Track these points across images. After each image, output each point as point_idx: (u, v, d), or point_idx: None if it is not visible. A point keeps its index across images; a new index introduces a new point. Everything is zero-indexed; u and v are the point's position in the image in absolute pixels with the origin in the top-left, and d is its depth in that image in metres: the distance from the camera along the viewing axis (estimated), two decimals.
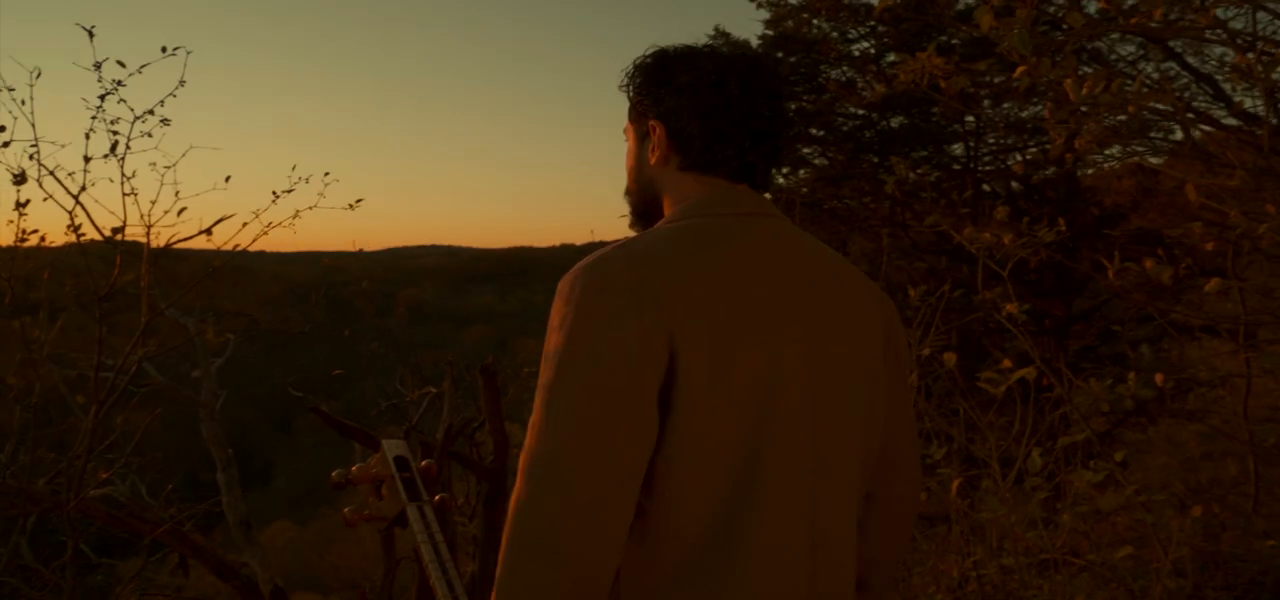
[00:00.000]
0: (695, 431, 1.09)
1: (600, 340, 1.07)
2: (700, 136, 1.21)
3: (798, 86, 8.87)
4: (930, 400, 3.43)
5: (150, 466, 4.21)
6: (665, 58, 1.25)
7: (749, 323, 1.12)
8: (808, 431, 1.15)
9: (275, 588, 3.83)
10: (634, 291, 1.08)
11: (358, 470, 1.49)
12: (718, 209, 1.20)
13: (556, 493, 1.04)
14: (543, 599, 1.03)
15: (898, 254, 7.96)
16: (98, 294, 3.12)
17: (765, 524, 1.11)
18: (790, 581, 1.14)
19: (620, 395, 1.06)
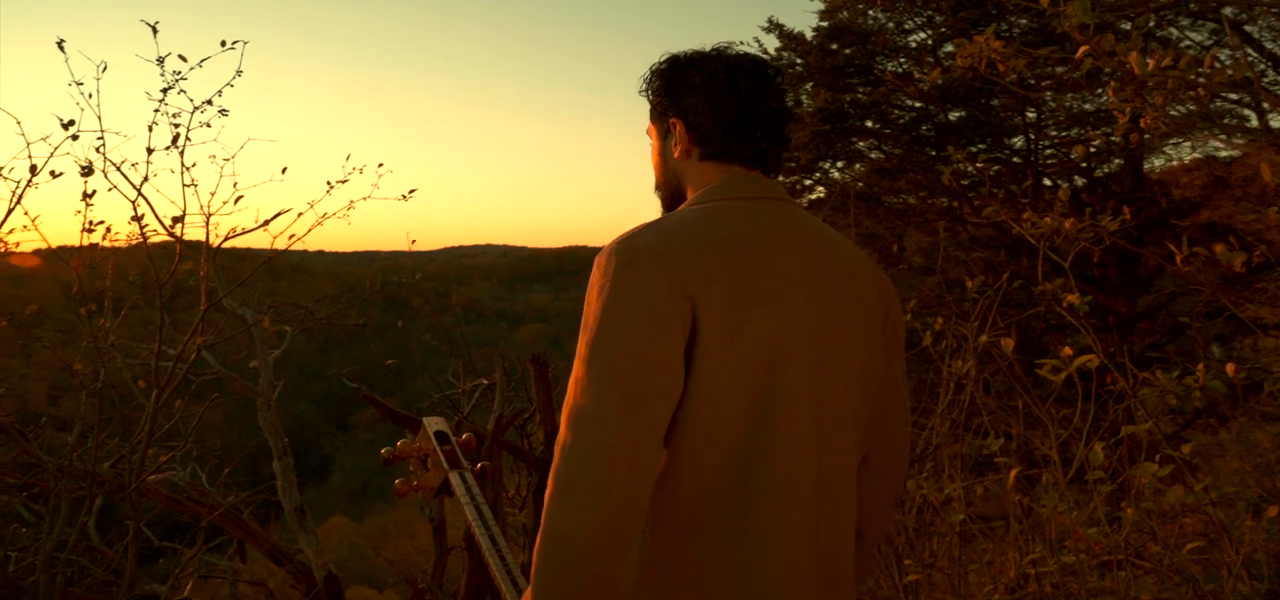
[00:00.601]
0: (713, 387, 1.24)
1: (631, 304, 1.22)
2: (716, 129, 1.39)
3: (853, 79, 8.74)
4: (989, 394, 3.34)
5: (209, 455, 4.31)
6: (678, 62, 1.44)
7: (760, 292, 1.27)
8: (813, 390, 1.30)
9: (329, 574, 3.88)
10: (660, 262, 1.24)
11: (402, 445, 1.68)
12: (734, 193, 1.37)
13: (596, 440, 1.19)
14: (584, 531, 1.18)
15: (955, 247, 7.78)
16: (159, 281, 3.19)
17: (776, 469, 1.27)
18: (798, 520, 1.29)
19: (650, 353, 1.21)
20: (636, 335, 1.21)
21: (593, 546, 1.18)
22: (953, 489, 3.11)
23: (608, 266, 1.25)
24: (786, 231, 1.35)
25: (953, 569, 3.32)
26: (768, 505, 1.27)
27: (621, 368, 1.20)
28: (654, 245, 1.26)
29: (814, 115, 8.61)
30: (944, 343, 3.42)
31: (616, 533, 1.19)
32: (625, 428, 1.19)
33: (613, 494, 1.18)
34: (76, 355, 3.45)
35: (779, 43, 9.24)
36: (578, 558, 1.18)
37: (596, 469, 1.18)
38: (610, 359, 1.21)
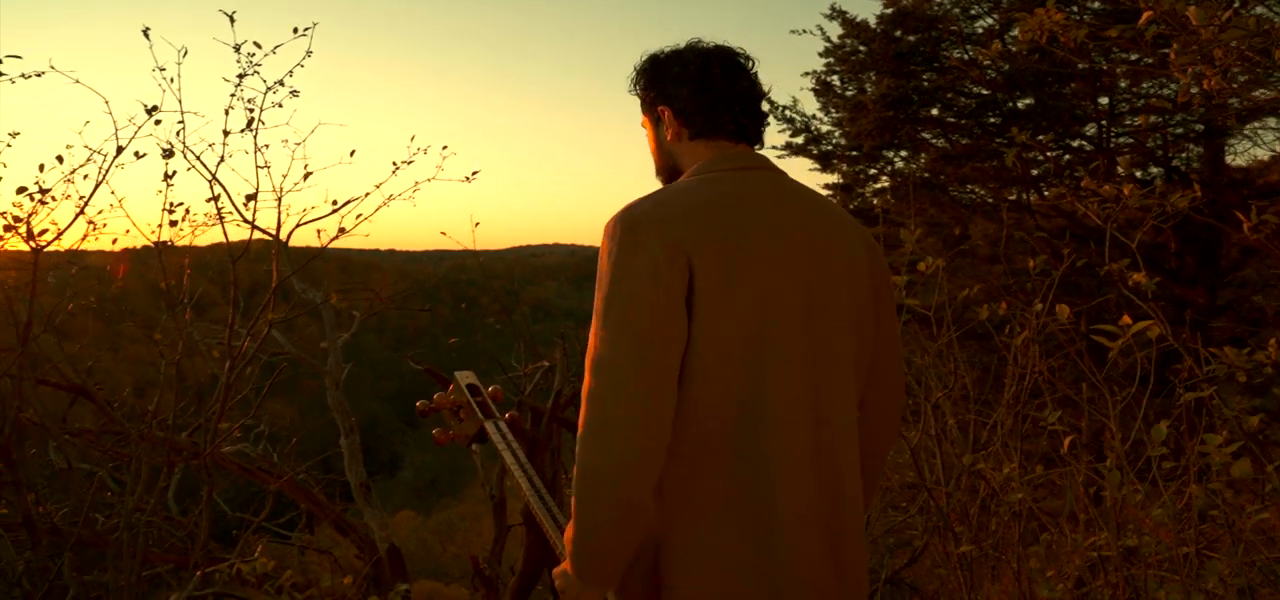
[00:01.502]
0: (712, 335, 1.40)
1: (636, 265, 1.38)
2: (700, 110, 1.57)
3: (917, 66, 8.59)
4: (1054, 389, 3.26)
5: (280, 430, 4.48)
6: (659, 59, 1.63)
7: (750, 248, 1.43)
8: (805, 333, 1.46)
9: (392, 547, 4.00)
10: (658, 227, 1.40)
11: (438, 398, 1.83)
12: (723, 165, 1.54)
13: (617, 384, 1.35)
14: (611, 463, 1.34)
15: (1021, 233, 7.60)
16: (232, 256, 3.33)
17: (773, 405, 1.42)
18: (796, 449, 1.44)
19: (655, 307, 1.37)
20: (642, 292, 1.37)
21: (619, 476, 1.34)
22: (1011, 469, 3.06)
23: (614, 233, 1.42)
24: (773, 195, 1.52)
25: (1012, 553, 3.27)
26: (767, 436, 1.42)
27: (632, 321, 1.36)
28: (651, 213, 1.42)
29: (877, 102, 8.49)
30: (1008, 328, 3.36)
31: (639, 463, 1.35)
32: (640, 372, 1.35)
33: (633, 430, 1.34)
34: (160, 347, 3.61)
35: (841, 30, 9.15)
36: (608, 486, 1.35)
37: (618, 409, 1.34)
38: (622, 314, 1.37)
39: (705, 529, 1.43)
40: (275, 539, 4.04)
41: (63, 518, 3.20)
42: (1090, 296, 5.09)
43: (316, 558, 3.96)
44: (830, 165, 9.95)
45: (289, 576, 2.92)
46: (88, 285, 3.53)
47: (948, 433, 3.72)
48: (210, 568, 3.15)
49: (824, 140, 9.95)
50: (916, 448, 3.64)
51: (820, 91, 9.75)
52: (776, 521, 1.43)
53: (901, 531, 4.55)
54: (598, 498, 1.36)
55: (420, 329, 32.38)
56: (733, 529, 1.43)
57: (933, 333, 3.68)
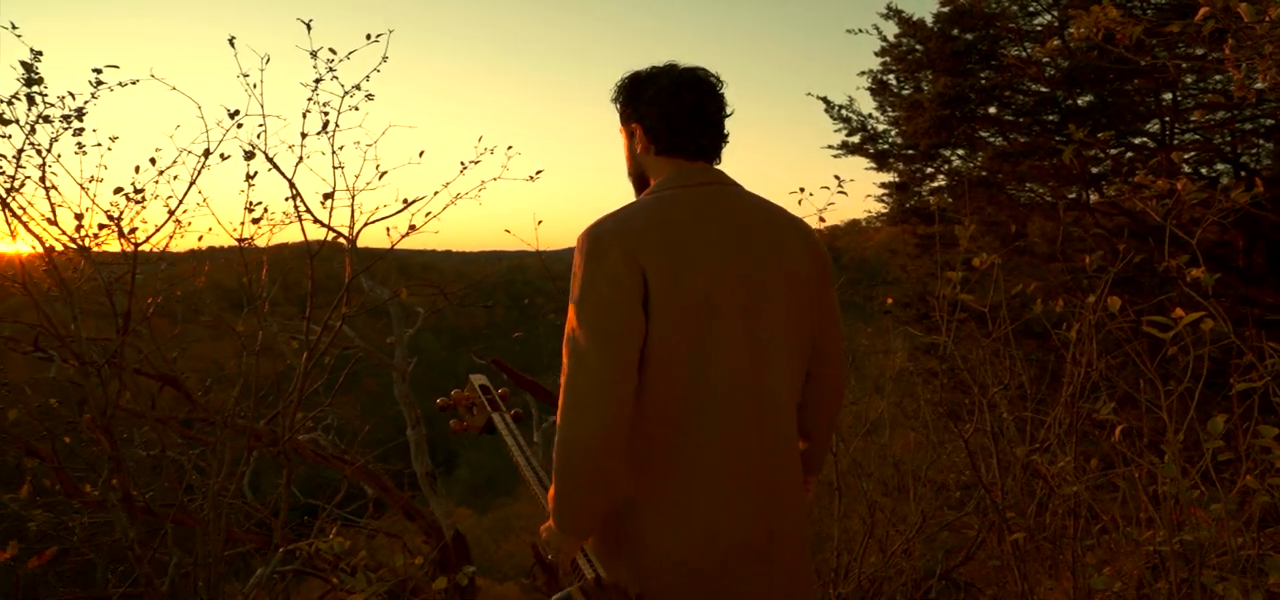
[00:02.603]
0: (662, 331, 1.67)
1: (600, 273, 1.66)
2: (666, 132, 1.81)
3: (974, 64, 8.51)
4: (1112, 391, 3.26)
5: (350, 420, 4.66)
6: (638, 78, 1.85)
7: (693, 255, 1.70)
8: (745, 323, 1.73)
9: (456, 533, 4.15)
10: (617, 241, 1.68)
11: (455, 394, 2.15)
12: (679, 181, 1.80)
13: (588, 372, 1.64)
14: (583, 436, 1.64)
15: (1078, 230, 7.48)
16: (310, 252, 3.50)
17: (715, 387, 1.71)
18: (738, 423, 1.73)
19: (617, 308, 1.65)
20: (606, 296, 1.65)
21: (589, 446, 1.64)
22: (1066, 462, 3.08)
23: (583, 246, 1.71)
24: (722, 207, 1.78)
25: (1068, 546, 3.28)
26: (712, 411, 1.71)
27: (598, 320, 1.65)
28: (612, 230, 1.70)
29: (934, 100, 8.43)
30: (1065, 325, 3.37)
31: (605, 436, 1.63)
32: (605, 361, 1.63)
33: (601, 409, 1.63)
34: (229, 349, 3.80)
35: (898, 29, 9.11)
36: (580, 455, 1.65)
37: (589, 392, 1.63)
38: (591, 314, 1.65)
39: (664, 489, 1.73)
40: (346, 524, 4.22)
41: (150, 499, 3.41)
42: (1150, 294, 5.03)
43: (386, 541, 4.13)
44: (886, 164, 9.90)
45: (362, 557, 3.07)
46: (159, 285, 3.72)
47: (1004, 430, 3.74)
48: (291, 546, 3.32)
49: (880, 139, 9.91)
50: (972, 444, 3.67)
51: (876, 90, 9.72)
52: (721, 481, 1.73)
53: (957, 529, 4.56)
54: (572, 464, 1.66)
55: (477, 328, 32.75)
56: (686, 488, 1.72)
57: (988, 329, 3.70)
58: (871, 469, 4.73)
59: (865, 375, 6.16)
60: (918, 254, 9.71)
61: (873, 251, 16.11)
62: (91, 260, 3.13)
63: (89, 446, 3.42)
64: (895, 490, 4.84)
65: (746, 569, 1.76)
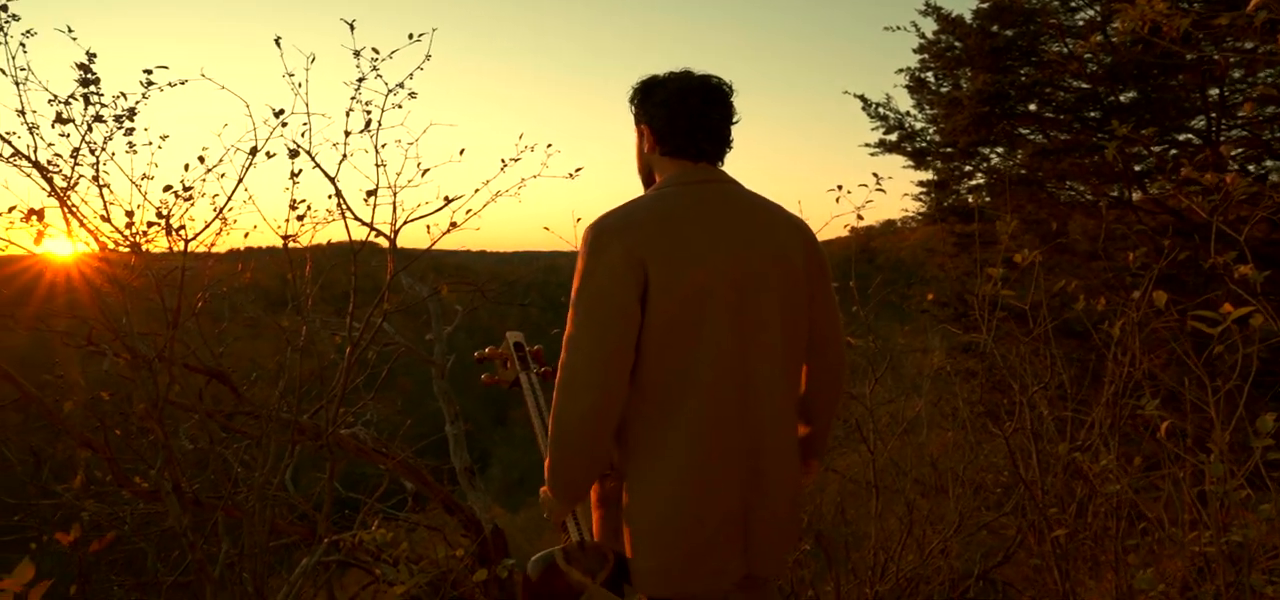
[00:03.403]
0: (659, 320, 1.81)
1: (601, 265, 1.80)
2: (671, 134, 1.95)
3: (1015, 61, 8.40)
4: (1156, 390, 3.21)
5: (390, 414, 4.73)
6: (651, 83, 2.00)
7: (691, 251, 1.82)
8: (735, 316, 1.85)
9: (495, 527, 4.19)
10: (619, 235, 1.82)
11: (490, 350, 2.32)
12: (682, 180, 1.93)
13: (584, 355, 1.77)
14: (576, 414, 1.78)
15: (1121, 228, 7.35)
16: (353, 248, 3.56)
17: (703, 375, 1.84)
18: (722, 408, 1.86)
19: (613, 298, 1.78)
20: (605, 287, 1.78)
21: (582, 424, 1.78)
22: (1109, 460, 3.04)
23: (587, 240, 1.84)
24: (720, 205, 1.91)
25: (1111, 545, 3.24)
26: (700, 396, 1.84)
27: (595, 308, 1.78)
28: (615, 225, 1.84)
29: (972, 98, 8.34)
30: (1107, 323, 3.33)
31: (597, 416, 1.78)
32: (600, 346, 1.77)
33: (591, 390, 1.77)
34: (267, 349, 3.87)
35: (936, 26, 9.03)
36: (570, 432, 1.80)
37: (583, 374, 1.77)
38: (590, 303, 1.79)
39: (652, 465, 1.87)
40: (387, 518, 4.28)
41: (198, 490, 3.49)
42: (1194, 294, 4.94)
43: (426, 534, 4.18)
44: (924, 162, 9.81)
45: (404, 549, 3.12)
46: (206, 279, 3.80)
47: (1044, 430, 3.70)
48: (335, 536, 3.38)
49: (918, 137, 9.82)
50: (1012, 443, 3.64)
51: (914, 88, 9.63)
52: (702, 458, 1.85)
53: (995, 530, 4.52)
54: (563, 439, 1.81)
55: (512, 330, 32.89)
56: (672, 464, 1.86)
57: (1028, 328, 3.67)
58: (909, 468, 4.71)
59: (902, 375, 6.13)
60: (956, 253, 9.62)
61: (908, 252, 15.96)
62: (142, 257, 3.21)
63: (139, 438, 3.51)
64: (933, 490, 4.81)
65: (721, 539, 1.90)
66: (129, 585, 3.47)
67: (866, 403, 4.31)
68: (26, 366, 3.33)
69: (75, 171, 3.08)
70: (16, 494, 3.57)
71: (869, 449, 4.27)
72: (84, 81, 3.07)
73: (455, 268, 5.82)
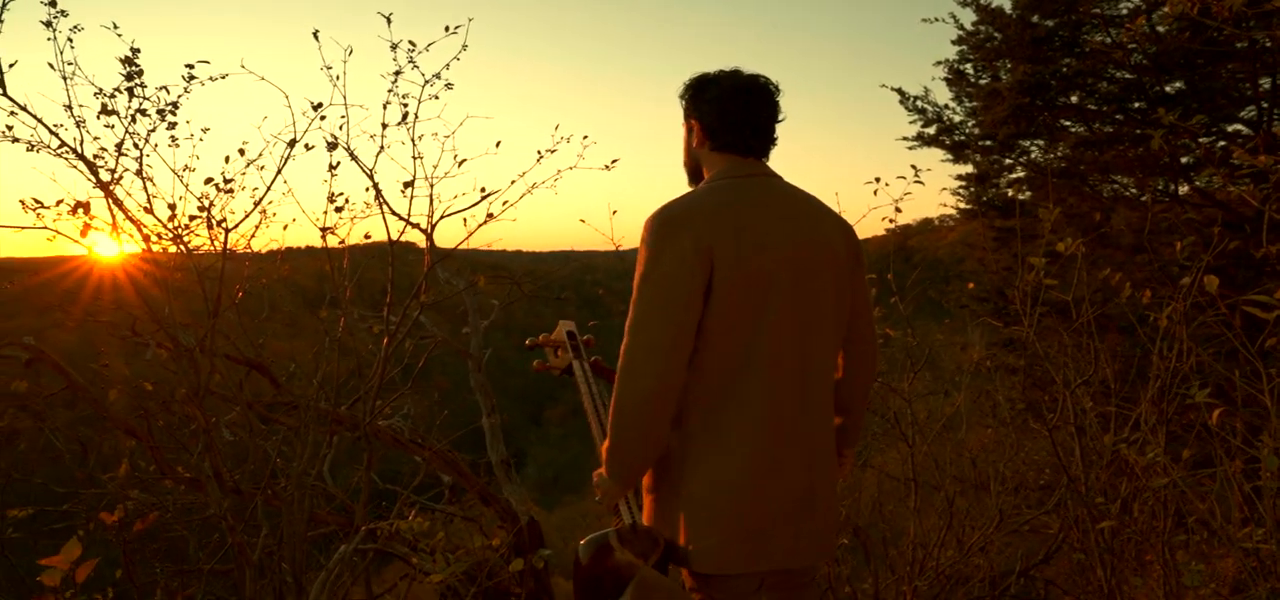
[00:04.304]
0: (724, 306, 1.88)
1: (668, 253, 1.86)
2: (722, 130, 2.03)
3: (1055, 51, 8.24)
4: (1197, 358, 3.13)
5: (426, 406, 4.76)
6: (703, 81, 2.08)
7: (754, 239, 1.89)
8: (793, 302, 1.93)
9: (531, 519, 4.20)
10: (687, 224, 1.88)
11: (543, 337, 2.35)
12: (734, 173, 2.02)
13: (647, 339, 1.84)
14: (638, 397, 1.84)
15: (1167, 219, 7.17)
16: (391, 240, 3.59)
17: (765, 356, 1.91)
18: (784, 388, 1.93)
19: (680, 285, 1.85)
20: (672, 273, 1.85)
21: (644, 407, 1.84)
22: (1156, 453, 2.97)
23: (653, 228, 1.90)
24: (771, 197, 1.99)
25: (1158, 541, 3.16)
26: (760, 380, 1.91)
27: (661, 294, 1.85)
28: (681, 214, 1.91)
29: (1012, 89, 8.20)
30: (1153, 318, 3.25)
31: (659, 398, 1.84)
32: (664, 331, 1.83)
33: (653, 375, 1.83)
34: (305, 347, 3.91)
35: (975, 17, 8.89)
36: (631, 414, 1.86)
37: (646, 358, 1.83)
38: (655, 289, 1.85)
39: (715, 446, 1.92)
40: (423, 510, 4.31)
41: (238, 480, 3.53)
42: (1245, 288, 4.81)
43: (462, 525, 4.20)
44: (963, 155, 9.68)
45: (440, 539, 3.13)
46: (246, 272, 3.84)
47: (1088, 425, 3.62)
48: (373, 525, 3.41)
49: (956, 130, 9.69)
50: (1055, 436, 3.57)
51: (953, 80, 9.50)
52: (767, 443, 1.92)
53: (1037, 528, 4.45)
54: (623, 421, 1.87)
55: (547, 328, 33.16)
56: (736, 446, 1.91)
57: (1070, 320, 3.59)
58: (948, 465, 4.64)
59: (941, 370, 6.04)
60: (995, 248, 9.47)
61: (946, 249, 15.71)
62: (184, 247, 3.26)
63: (181, 428, 3.57)
64: (973, 487, 4.74)
65: (780, 523, 1.96)
66: (170, 571, 3.52)
67: (905, 395, 4.25)
68: (75, 362, 3.41)
69: (119, 163, 3.13)
70: (65, 483, 3.65)
71: (908, 443, 4.21)
72: (129, 75, 3.13)
73: (491, 266, 5.84)
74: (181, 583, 3.52)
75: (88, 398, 3.02)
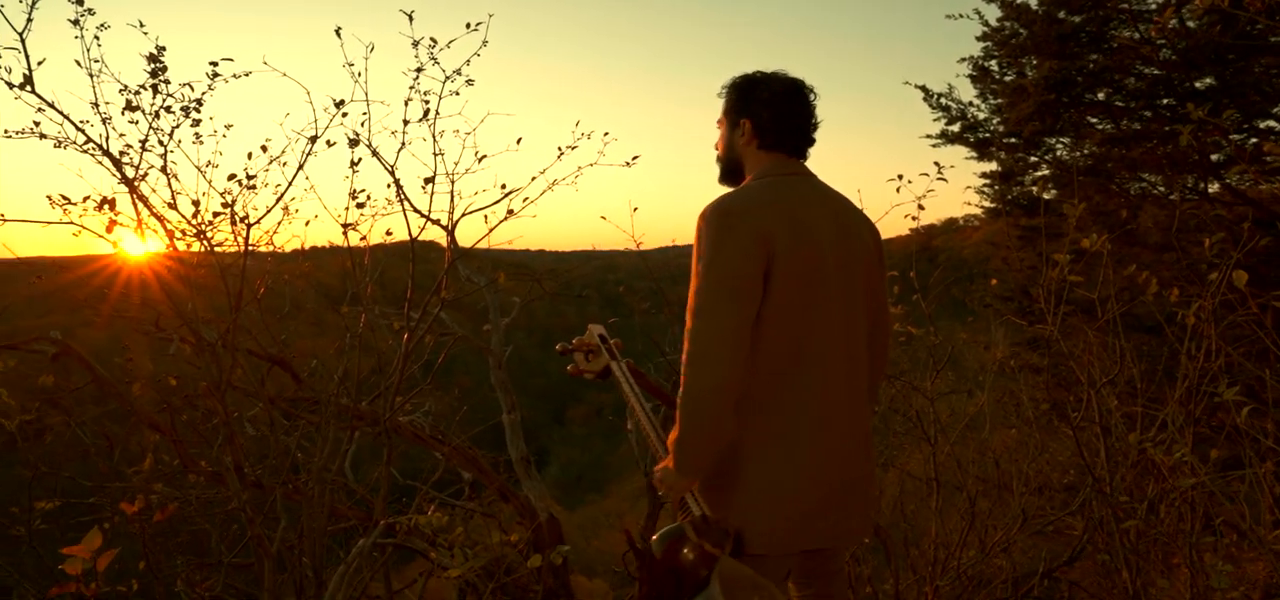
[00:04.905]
0: (779, 296, 1.94)
1: (731, 243, 1.91)
2: (773, 131, 2.13)
3: (1082, 47, 8.13)
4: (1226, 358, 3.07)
5: (446, 404, 4.78)
6: (754, 80, 2.17)
7: (805, 232, 1.98)
8: (839, 293, 2.03)
9: (550, 516, 4.21)
10: (747, 216, 1.95)
11: (575, 341, 2.35)
12: (782, 171, 2.12)
13: (715, 326, 1.88)
14: (709, 386, 1.86)
15: (1195, 218, 7.05)
16: (412, 237, 3.60)
17: (817, 346, 2.00)
18: (834, 377, 2.03)
19: (744, 272, 1.90)
20: (736, 263, 1.90)
21: (715, 396, 1.86)
22: (1183, 451, 2.92)
23: (713, 220, 1.95)
24: (814, 195, 2.09)
25: (1184, 541, 3.11)
26: (814, 369, 1.99)
27: (727, 282, 1.89)
28: (740, 207, 1.97)
29: (1038, 86, 8.10)
30: (1181, 316, 3.19)
31: (730, 387, 1.87)
32: (731, 317, 1.88)
33: (724, 363, 1.86)
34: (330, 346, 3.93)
35: (1000, 12, 8.79)
36: (703, 404, 1.87)
37: (715, 347, 1.87)
38: (720, 277, 1.89)
39: (769, 434, 1.98)
40: (442, 506, 4.33)
41: (260, 475, 3.56)
42: (1275, 287, 4.71)
43: (481, 521, 4.22)
44: (987, 153, 9.58)
45: (459, 534, 3.14)
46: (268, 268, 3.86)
47: (1112, 426, 3.57)
48: (392, 519, 3.42)
49: (981, 128, 9.59)
50: (1080, 436, 3.52)
51: (977, 77, 9.39)
52: (821, 429, 1.99)
53: (1061, 530, 4.39)
54: (695, 412, 1.88)
55: (569, 328, 33.24)
56: (789, 434, 1.98)
57: (1095, 316, 3.54)
58: (970, 465, 4.59)
59: (964, 370, 5.98)
60: (1020, 247, 9.36)
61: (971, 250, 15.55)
62: (207, 243, 3.28)
63: (204, 423, 3.60)
64: (996, 487, 4.69)
65: (833, 505, 2.04)
66: (192, 564, 3.56)
67: (928, 393, 4.21)
68: (104, 359, 3.46)
69: (143, 160, 3.16)
70: (93, 478, 3.70)
71: (929, 442, 4.17)
72: (154, 72, 3.16)
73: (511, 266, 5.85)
74: (202, 575, 3.56)
75: (112, 391, 3.06)
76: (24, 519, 3.34)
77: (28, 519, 3.33)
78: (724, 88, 2.22)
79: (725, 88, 2.22)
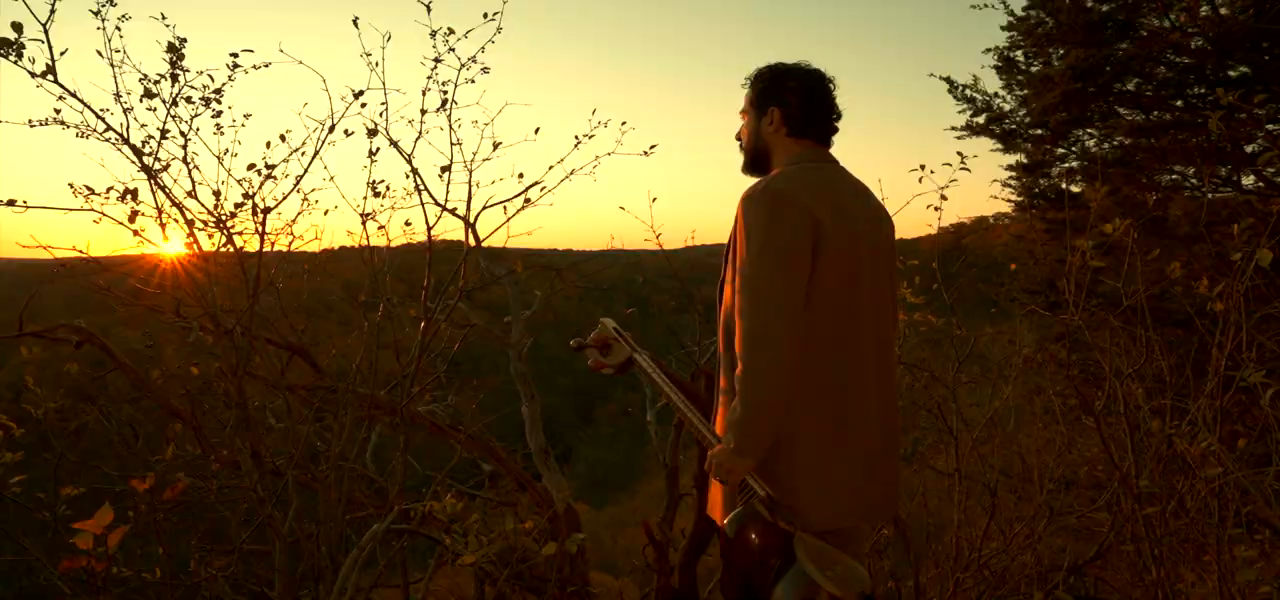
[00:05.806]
0: (824, 276, 1.98)
1: (781, 225, 1.95)
2: (803, 119, 2.18)
3: (1111, 36, 7.98)
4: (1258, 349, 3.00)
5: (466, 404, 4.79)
6: (782, 70, 2.22)
7: (844, 216, 2.03)
8: (870, 279, 2.09)
9: (568, 506, 4.20)
10: (794, 199, 1.99)
11: (591, 336, 2.36)
12: (814, 158, 2.17)
13: (773, 307, 1.91)
14: (771, 365, 1.89)
15: (1226, 213, 6.91)
16: (429, 226, 3.61)
17: (854, 330, 2.04)
18: (867, 362, 2.07)
19: (797, 253, 1.95)
20: (789, 243, 1.94)
21: (778, 373, 1.90)
22: (1211, 441, 2.86)
23: (761, 201, 1.99)
24: (845, 181, 2.16)
25: (1212, 533, 3.05)
26: (850, 355, 2.04)
27: (783, 261, 1.93)
28: (786, 189, 2.00)
29: (1065, 75, 7.96)
30: (1208, 305, 3.12)
31: (792, 364, 1.91)
32: (789, 297, 1.91)
33: (784, 339, 1.90)
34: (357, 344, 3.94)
35: (1026, 2, 8.67)
36: (771, 382, 1.90)
37: (775, 325, 1.90)
38: (775, 256, 1.93)
39: (810, 418, 2.00)
40: (460, 495, 4.33)
41: (277, 463, 3.58)
42: None
43: (498, 510, 4.22)
44: (1013, 144, 9.44)
45: (474, 520, 3.14)
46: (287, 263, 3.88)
47: (1140, 420, 3.50)
48: (407, 506, 3.43)
49: (1007, 119, 9.46)
50: (1105, 430, 3.46)
51: (1003, 67, 9.26)
52: (854, 413, 2.03)
53: (1087, 525, 4.33)
54: (761, 389, 1.89)
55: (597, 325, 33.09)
56: (828, 418, 2.01)
57: (1120, 303, 3.48)
58: (993, 457, 4.53)
59: (989, 364, 5.90)
60: (1047, 240, 9.22)
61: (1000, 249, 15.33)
62: (226, 231, 3.31)
63: (224, 410, 3.63)
64: (1020, 481, 4.63)
65: (874, 480, 2.09)
66: (206, 547, 3.59)
67: (948, 384, 4.16)
68: (138, 359, 3.51)
69: (162, 149, 3.19)
70: (117, 465, 3.74)
71: (951, 434, 4.12)
72: (173, 62, 3.19)
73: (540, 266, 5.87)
74: (217, 557, 3.59)
75: (131, 375, 3.09)
76: (50, 505, 3.39)
77: (53, 505, 3.37)
78: (748, 78, 2.27)
79: (750, 78, 2.27)
